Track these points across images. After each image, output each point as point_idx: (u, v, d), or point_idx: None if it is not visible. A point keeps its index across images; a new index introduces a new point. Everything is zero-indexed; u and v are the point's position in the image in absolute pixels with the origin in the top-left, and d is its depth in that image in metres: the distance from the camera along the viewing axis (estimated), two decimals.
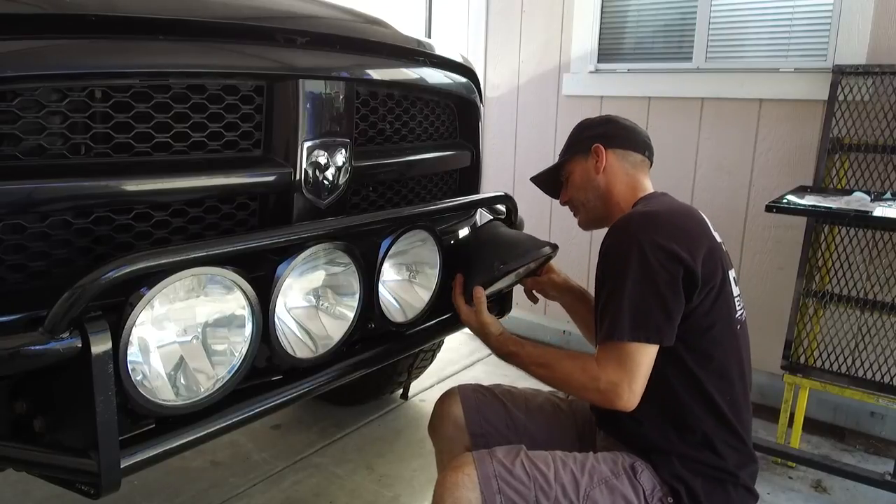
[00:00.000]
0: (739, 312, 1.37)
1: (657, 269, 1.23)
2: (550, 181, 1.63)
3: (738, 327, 1.36)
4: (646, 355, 1.24)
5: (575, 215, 1.59)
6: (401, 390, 2.72)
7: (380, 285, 1.38)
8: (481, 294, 1.48)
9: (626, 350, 1.23)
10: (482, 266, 1.50)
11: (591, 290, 1.48)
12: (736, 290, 1.38)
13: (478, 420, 1.50)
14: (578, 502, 1.24)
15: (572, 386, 1.31)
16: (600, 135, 1.50)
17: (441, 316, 1.58)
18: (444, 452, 1.51)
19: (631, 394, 1.23)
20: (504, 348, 1.43)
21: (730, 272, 1.36)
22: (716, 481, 1.29)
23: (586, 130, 1.54)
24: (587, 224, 1.57)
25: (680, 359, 1.29)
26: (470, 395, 1.54)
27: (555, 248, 1.56)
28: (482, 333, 1.47)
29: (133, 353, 0.98)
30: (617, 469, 1.30)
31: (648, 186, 1.49)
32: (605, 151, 1.47)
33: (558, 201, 1.62)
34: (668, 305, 1.23)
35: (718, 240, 1.37)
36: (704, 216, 1.40)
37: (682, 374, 1.29)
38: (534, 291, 1.73)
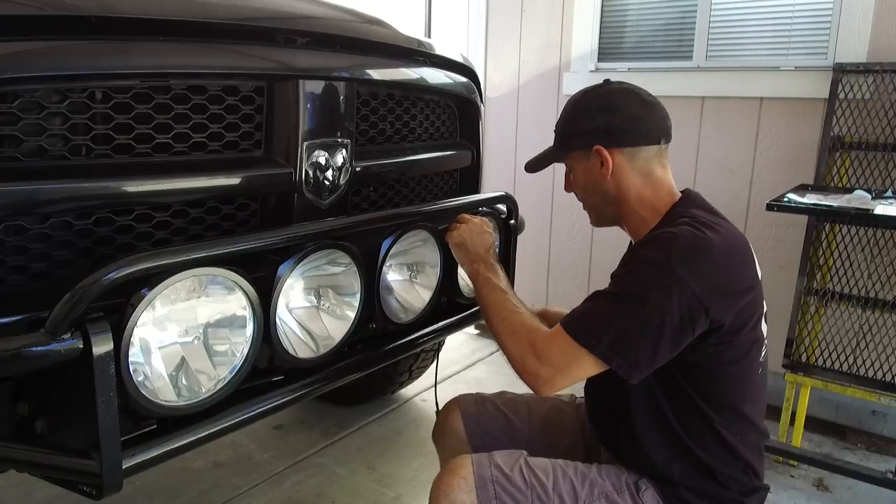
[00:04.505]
0: (763, 354, 1.26)
1: (676, 313, 1.09)
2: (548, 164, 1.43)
3: (760, 371, 1.26)
4: (593, 370, 1.15)
5: (584, 208, 1.42)
6: (402, 390, 2.72)
7: (381, 285, 1.38)
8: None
9: (582, 356, 1.13)
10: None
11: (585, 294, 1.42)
12: (765, 329, 1.26)
13: (478, 433, 1.46)
14: None
15: (504, 345, 1.24)
16: (601, 131, 1.26)
17: (442, 316, 1.58)
18: (447, 461, 1.48)
19: (550, 385, 1.16)
20: (487, 271, 1.36)
21: (762, 311, 1.26)
22: None
23: (583, 121, 1.29)
24: (598, 224, 1.39)
25: (694, 403, 1.21)
26: (471, 408, 1.50)
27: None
28: (471, 244, 1.41)
29: (134, 354, 0.98)
30: (620, 484, 1.25)
31: (670, 179, 1.29)
32: (610, 155, 1.25)
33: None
34: (660, 350, 1.12)
35: (759, 278, 1.24)
36: (752, 248, 1.26)
37: (695, 417, 1.22)
38: None
